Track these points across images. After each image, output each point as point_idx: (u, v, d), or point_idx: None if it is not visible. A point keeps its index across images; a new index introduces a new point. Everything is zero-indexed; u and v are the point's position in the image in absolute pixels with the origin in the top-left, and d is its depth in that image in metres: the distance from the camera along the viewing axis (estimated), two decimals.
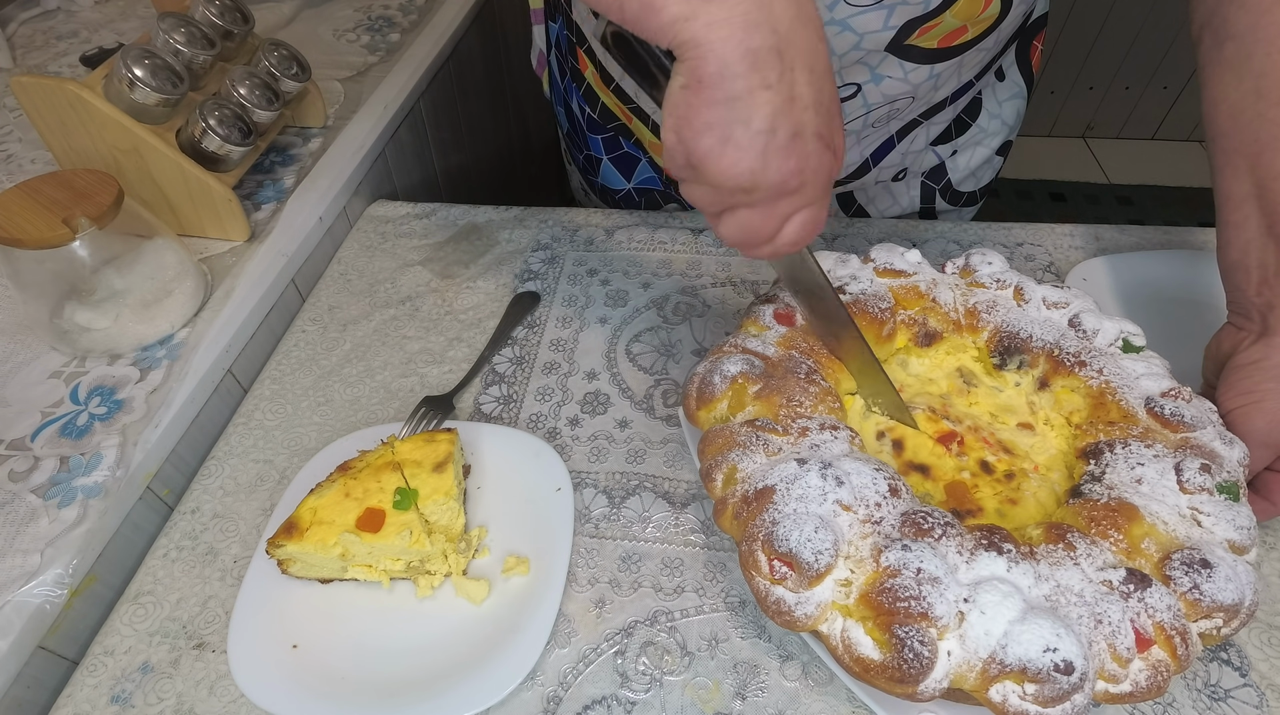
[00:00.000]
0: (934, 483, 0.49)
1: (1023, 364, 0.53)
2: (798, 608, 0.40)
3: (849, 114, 0.69)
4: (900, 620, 0.37)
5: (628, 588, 0.52)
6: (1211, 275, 0.70)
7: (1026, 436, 0.51)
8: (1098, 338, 0.52)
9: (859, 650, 0.39)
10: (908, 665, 0.37)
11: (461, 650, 0.48)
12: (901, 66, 0.63)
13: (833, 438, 0.45)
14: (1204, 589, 0.39)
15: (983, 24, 0.61)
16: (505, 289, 0.75)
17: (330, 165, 0.84)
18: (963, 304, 0.56)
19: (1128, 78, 2.52)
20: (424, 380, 0.66)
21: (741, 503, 0.43)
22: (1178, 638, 0.38)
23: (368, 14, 1.11)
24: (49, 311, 0.63)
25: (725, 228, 0.41)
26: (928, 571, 0.38)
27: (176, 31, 0.73)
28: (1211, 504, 0.42)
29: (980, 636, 0.37)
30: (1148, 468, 0.44)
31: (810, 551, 0.39)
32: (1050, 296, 0.55)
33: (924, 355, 0.56)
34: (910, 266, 0.58)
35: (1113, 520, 0.42)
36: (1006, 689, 0.37)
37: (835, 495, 0.41)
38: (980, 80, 0.74)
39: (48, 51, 1.04)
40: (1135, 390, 0.48)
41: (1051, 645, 0.36)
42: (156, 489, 0.60)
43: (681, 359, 0.67)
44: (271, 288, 0.72)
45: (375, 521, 0.50)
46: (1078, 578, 0.39)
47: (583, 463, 0.60)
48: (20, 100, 0.67)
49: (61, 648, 0.52)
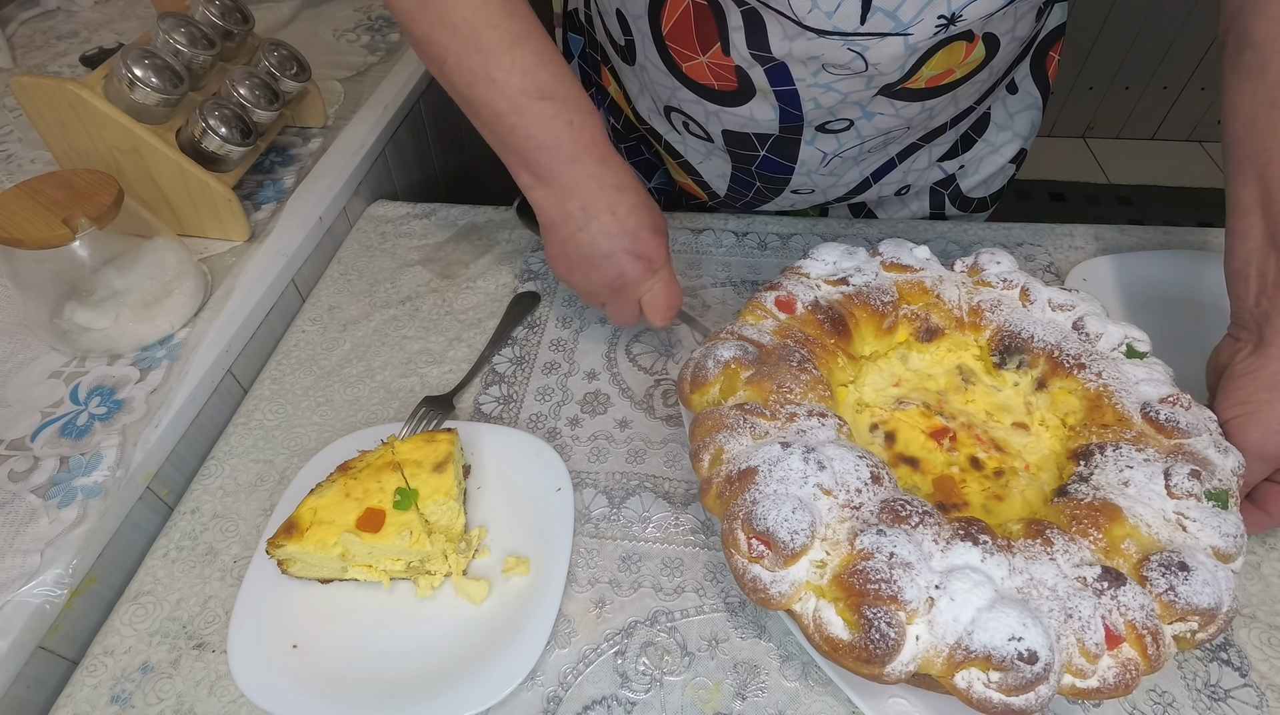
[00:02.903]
0: (922, 476, 0.49)
1: (1022, 364, 0.53)
2: (772, 586, 0.41)
3: (844, 144, 0.69)
4: (870, 602, 0.38)
5: (628, 588, 0.52)
6: (1211, 276, 0.70)
7: (1020, 436, 0.51)
8: (1101, 342, 0.52)
9: (829, 630, 0.39)
10: (874, 646, 0.37)
11: (461, 650, 0.48)
12: (893, 104, 0.64)
13: (820, 425, 0.46)
14: (1179, 591, 0.39)
15: (969, 66, 0.62)
16: (505, 289, 0.75)
17: (330, 165, 0.84)
18: (967, 302, 0.56)
19: (1128, 78, 2.53)
20: (424, 380, 0.66)
21: (725, 482, 0.44)
22: (1149, 637, 0.38)
23: (368, 14, 1.11)
24: (49, 311, 0.63)
25: (610, 316, 0.62)
26: (900, 556, 0.38)
27: (176, 31, 0.73)
28: (1198, 510, 0.42)
29: (948, 622, 0.37)
30: (1136, 471, 0.44)
31: (786, 531, 0.40)
32: (1056, 298, 0.54)
33: (925, 351, 0.56)
34: (918, 262, 0.58)
35: (1094, 519, 0.42)
36: (972, 676, 0.38)
37: (816, 479, 0.42)
38: (988, 98, 0.73)
39: (48, 51, 1.04)
40: (1133, 395, 0.48)
41: (1017, 634, 0.36)
42: (156, 489, 0.60)
43: (681, 359, 0.67)
44: (271, 288, 0.72)
45: (375, 521, 0.50)
46: (1052, 572, 0.39)
47: (583, 463, 0.60)
48: (20, 100, 0.67)
49: (61, 648, 0.52)
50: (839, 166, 0.73)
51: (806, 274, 0.57)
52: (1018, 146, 0.81)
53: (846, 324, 0.54)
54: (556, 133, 0.54)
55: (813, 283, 0.56)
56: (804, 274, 0.57)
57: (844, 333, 0.53)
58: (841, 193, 0.78)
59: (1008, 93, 0.78)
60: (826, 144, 0.69)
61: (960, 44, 0.59)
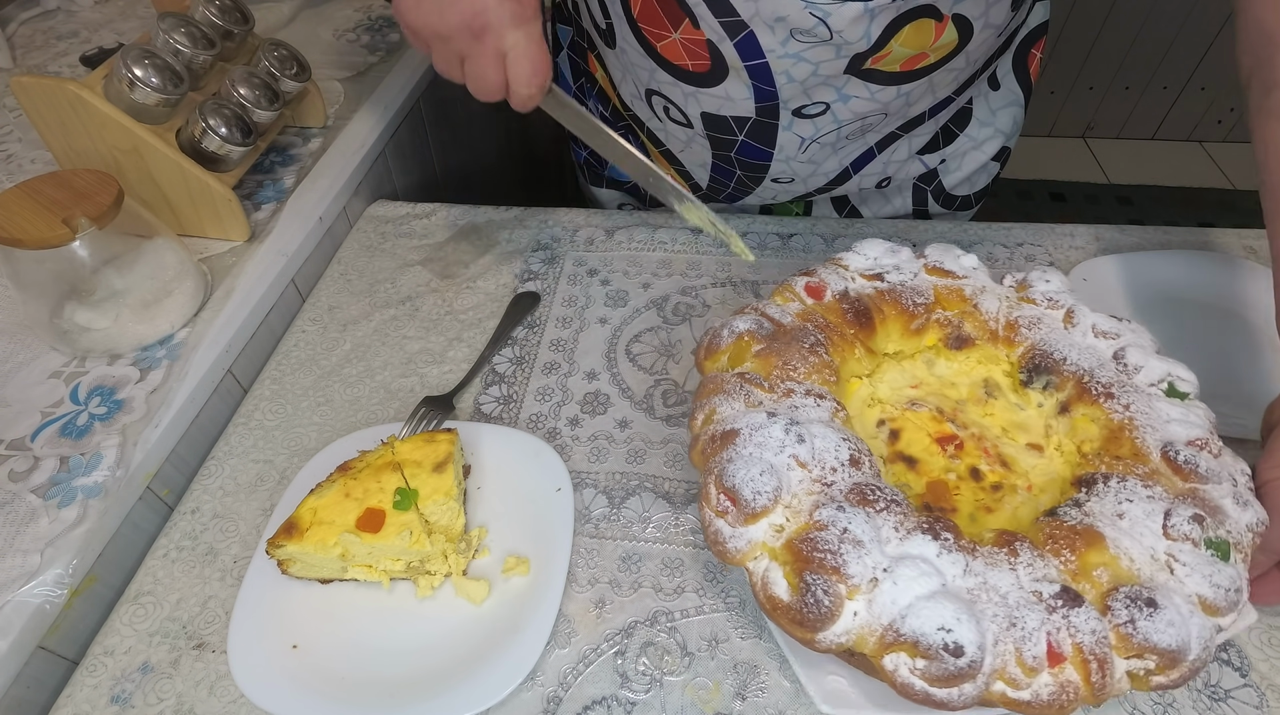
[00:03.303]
0: (916, 476, 0.49)
1: (1049, 385, 0.51)
2: (730, 541, 0.43)
3: (821, 128, 0.70)
4: (812, 568, 0.39)
5: (628, 588, 0.52)
6: (1211, 276, 0.71)
7: (1031, 456, 0.50)
8: (1140, 375, 0.50)
9: (773, 589, 0.41)
10: (808, 610, 0.39)
11: (461, 650, 0.48)
12: (867, 88, 0.65)
13: (815, 405, 0.47)
14: (1140, 626, 0.37)
15: (941, 50, 0.62)
16: (505, 289, 0.75)
17: (330, 165, 0.84)
18: (1005, 315, 0.54)
19: (1128, 78, 2.52)
20: (424, 380, 0.66)
21: (709, 441, 0.46)
22: (1095, 664, 0.37)
23: (368, 14, 1.11)
24: (49, 311, 0.63)
25: (469, 83, 0.51)
26: (853, 534, 0.40)
27: (176, 31, 0.73)
28: (1192, 555, 0.40)
29: (886, 604, 0.38)
30: (1135, 505, 0.42)
31: (750, 491, 0.42)
32: (1102, 325, 0.52)
33: (953, 358, 0.55)
34: (962, 269, 0.57)
35: (1071, 542, 0.41)
36: (899, 659, 0.38)
37: (793, 450, 0.43)
38: (968, 90, 0.74)
39: (48, 51, 1.04)
40: (1159, 432, 0.46)
41: (948, 626, 0.36)
42: (156, 489, 0.60)
43: (681, 359, 0.67)
44: (271, 288, 0.72)
45: (375, 522, 0.50)
46: (1009, 581, 0.39)
47: (583, 463, 0.60)
48: (20, 100, 0.67)
49: (61, 648, 0.52)
50: (817, 153, 0.73)
51: (845, 266, 0.57)
52: (1000, 143, 0.81)
53: (871, 317, 0.54)
54: None
55: (849, 274, 0.57)
56: (843, 265, 0.57)
57: (867, 325, 0.54)
58: (821, 183, 0.78)
59: (990, 88, 0.78)
60: (804, 129, 0.69)
61: (929, 22, 0.59)
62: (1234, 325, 0.67)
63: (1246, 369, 0.64)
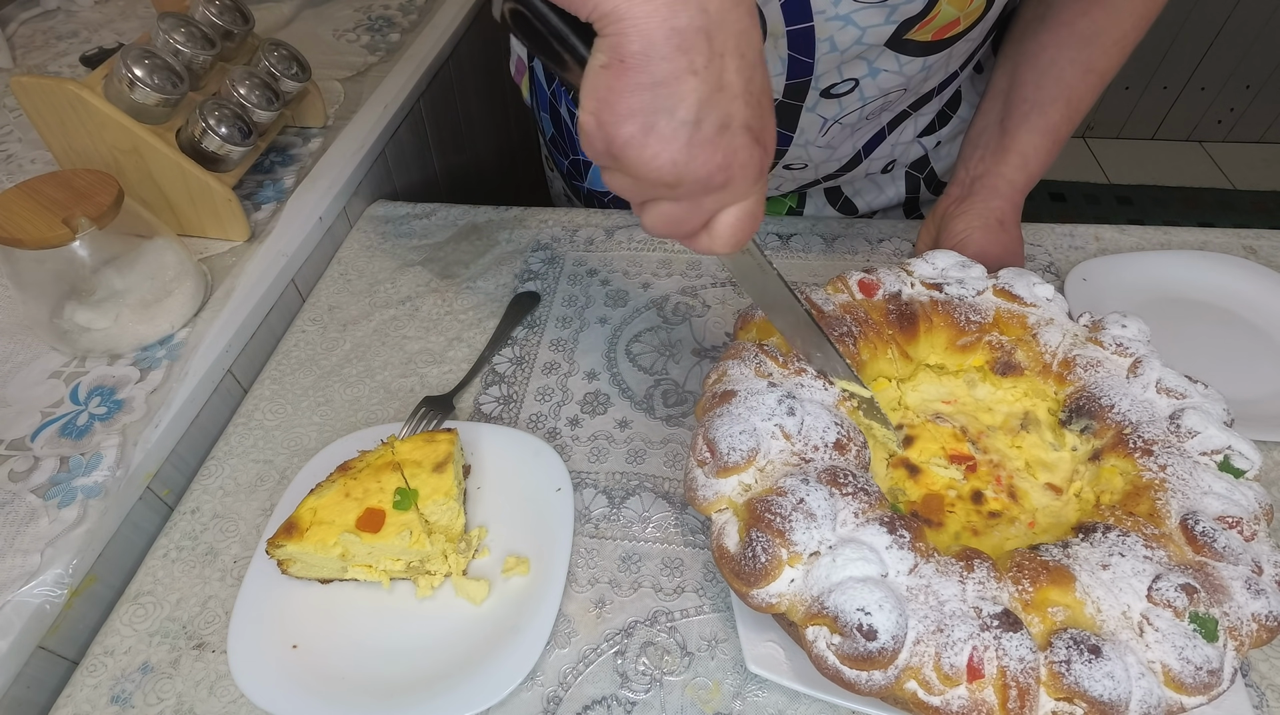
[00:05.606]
0: (915, 485, 0.49)
1: (1087, 429, 0.49)
2: (701, 489, 0.45)
3: (845, 108, 0.69)
4: (760, 527, 0.41)
5: (628, 588, 0.52)
6: (1211, 276, 0.71)
7: (1045, 496, 0.48)
8: (1194, 440, 0.46)
9: (724, 540, 0.43)
10: (746, 564, 0.41)
11: (461, 650, 0.48)
12: (897, 60, 0.64)
13: (823, 388, 0.49)
14: (1075, 670, 0.36)
15: (971, 15, 0.62)
16: (505, 289, 0.75)
17: (330, 165, 0.84)
18: (1065, 351, 0.52)
19: (1128, 78, 2.53)
20: (424, 380, 0.66)
21: (710, 397, 0.49)
22: (1015, 691, 0.36)
23: (368, 14, 1.11)
24: (49, 311, 0.63)
25: (648, 218, 0.39)
26: (809, 506, 0.41)
27: (176, 31, 0.73)
28: (1170, 624, 0.38)
29: (821, 577, 0.40)
30: (1127, 561, 0.40)
31: (726, 446, 0.44)
32: (1169, 382, 0.49)
33: (998, 384, 0.54)
34: (1033, 297, 0.54)
35: (1035, 575, 0.40)
36: (820, 632, 0.40)
37: (780, 420, 0.45)
38: (962, 72, 0.74)
39: (48, 51, 1.04)
40: (1189, 501, 0.43)
41: (867, 608, 0.37)
42: (156, 489, 0.60)
43: (681, 359, 0.67)
44: (271, 288, 0.72)
45: (375, 521, 0.50)
46: (952, 591, 0.39)
47: (583, 463, 0.60)
48: (20, 100, 0.67)
49: (61, 648, 0.52)
50: (836, 135, 0.72)
51: (910, 271, 0.57)
52: None
53: (916, 323, 0.53)
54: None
55: (909, 279, 0.57)
56: (908, 270, 0.58)
57: (908, 329, 0.53)
58: (834, 168, 0.78)
59: (975, 72, 0.79)
60: (828, 109, 0.68)
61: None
62: (1234, 325, 0.67)
63: (1246, 369, 0.64)
